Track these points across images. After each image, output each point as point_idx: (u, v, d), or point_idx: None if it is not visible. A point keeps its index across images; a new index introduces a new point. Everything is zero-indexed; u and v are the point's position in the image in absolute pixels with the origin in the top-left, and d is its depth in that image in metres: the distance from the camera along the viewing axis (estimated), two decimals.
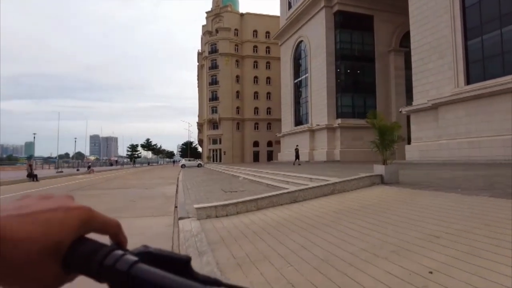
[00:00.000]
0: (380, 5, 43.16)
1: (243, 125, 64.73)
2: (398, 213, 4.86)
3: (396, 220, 4.55)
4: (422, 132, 28.23)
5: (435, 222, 4.26)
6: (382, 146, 7.81)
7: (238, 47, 65.60)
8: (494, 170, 12.33)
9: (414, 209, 4.94)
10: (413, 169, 14.78)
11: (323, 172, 13.13)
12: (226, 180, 17.07)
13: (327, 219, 5.12)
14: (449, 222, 4.19)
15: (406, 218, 4.62)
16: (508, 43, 21.93)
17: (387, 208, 5.16)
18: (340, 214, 5.25)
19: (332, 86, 41.91)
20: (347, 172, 12.95)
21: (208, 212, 6.00)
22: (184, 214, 6.48)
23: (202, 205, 6.15)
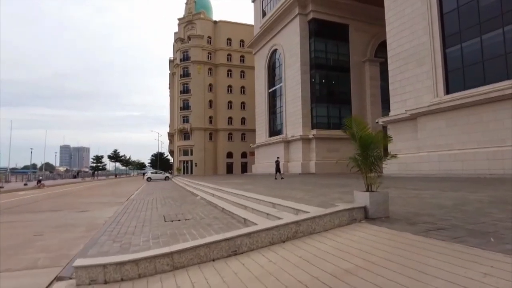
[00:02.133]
0: (355, 14, 42.32)
1: (216, 135, 62.20)
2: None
3: None
4: (400, 143, 26.76)
5: None
6: (365, 165, 5.72)
7: (211, 55, 63.44)
8: (492, 188, 10.52)
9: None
10: (396, 186, 12.81)
11: (292, 193, 10.93)
12: (180, 200, 14.58)
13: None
14: None
15: None
16: (488, 50, 20.81)
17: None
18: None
19: (307, 96, 40.34)
20: (320, 192, 10.85)
21: (93, 273, 3.67)
22: (72, 268, 4.08)
23: (85, 262, 3.79)
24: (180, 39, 64.38)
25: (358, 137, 5.80)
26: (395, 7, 27.61)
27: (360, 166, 5.85)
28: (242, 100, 63.70)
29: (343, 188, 12.13)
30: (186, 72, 62.58)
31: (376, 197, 5.51)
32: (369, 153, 5.78)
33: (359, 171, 5.89)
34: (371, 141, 5.75)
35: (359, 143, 5.79)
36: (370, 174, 5.79)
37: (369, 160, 5.74)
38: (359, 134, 5.80)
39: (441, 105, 22.25)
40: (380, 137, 5.87)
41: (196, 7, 65.29)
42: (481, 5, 21.44)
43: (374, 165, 5.77)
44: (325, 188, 12.67)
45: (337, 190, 11.32)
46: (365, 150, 5.77)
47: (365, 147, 5.75)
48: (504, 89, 18.57)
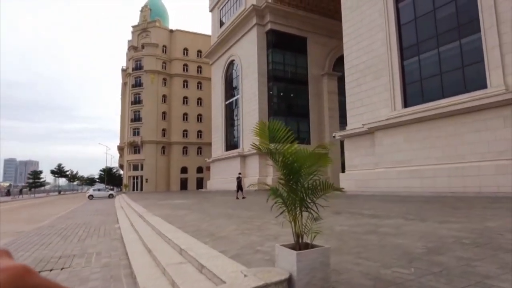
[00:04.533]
0: (314, 27, 41.68)
1: (169, 149, 58.59)
2: None
3: None
4: (357, 159, 25.49)
5: None
6: (292, 203, 3.55)
7: (166, 64, 60.35)
8: (462, 214, 8.85)
9: None
10: (350, 211, 10.93)
11: (224, 224, 8.69)
12: (93, 230, 11.81)
13: None
14: None
15: None
16: (446, 63, 20.07)
17: None
18: None
19: (264, 109, 38.64)
20: (260, 221, 8.68)
21: None
22: None
23: None
24: (133, 47, 60.87)
25: (279, 158, 3.66)
26: (352, 18, 26.75)
27: (285, 203, 3.69)
28: (199, 112, 60.87)
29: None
30: (139, 82, 58.94)
31: (308, 259, 3.31)
32: (298, 182, 3.64)
33: (286, 210, 3.71)
34: (303, 162, 3.62)
35: (281, 166, 3.65)
36: (300, 216, 3.66)
37: (299, 195, 3.60)
38: (280, 151, 3.66)
39: (398, 119, 21.17)
40: (318, 156, 3.73)
41: (151, 15, 62.32)
42: (438, 17, 20.84)
43: (307, 201, 3.63)
44: (272, 214, 10.43)
45: (282, 219, 9.07)
46: (292, 178, 3.63)
47: (292, 173, 3.61)
48: (464, 103, 17.68)
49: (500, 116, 16.33)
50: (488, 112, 16.86)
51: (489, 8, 17.77)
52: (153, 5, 64.07)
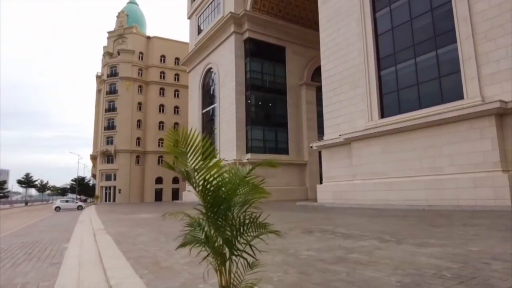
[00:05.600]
0: (292, 37, 41.43)
1: (144, 158, 56.63)
2: None
3: None
4: (334, 170, 24.87)
5: None
6: (216, 249, 2.58)
7: (142, 71, 58.76)
8: (442, 232, 8.10)
9: None
10: (323, 229, 10.04)
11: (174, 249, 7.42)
12: (36, 252, 10.45)
13: None
14: None
15: None
16: (423, 73, 19.79)
17: None
18: None
19: (242, 118, 37.77)
20: None
21: None
22: None
23: None
24: (109, 53, 59.10)
25: (198, 182, 2.66)
26: (330, 27, 26.41)
27: (205, 247, 2.70)
28: (176, 120, 59.28)
29: None
30: (113, 89, 57.07)
31: None
32: (226, 216, 2.67)
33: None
34: (233, 189, 2.67)
35: (201, 194, 2.67)
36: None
37: (228, 236, 2.63)
38: (203, 175, 2.66)
39: (375, 130, 20.69)
40: (252, 183, 2.80)
41: (128, 21, 60.84)
42: (415, 27, 20.63)
43: (238, 243, 2.67)
44: None
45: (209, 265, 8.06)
46: (216, 211, 2.66)
47: (216, 203, 2.65)
48: (440, 114, 17.31)
49: (477, 128, 15.98)
50: (465, 124, 16.51)
51: (465, 19, 17.61)
52: (130, 11, 62.71)
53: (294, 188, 38.59)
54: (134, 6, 65.44)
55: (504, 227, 8.69)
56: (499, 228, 8.43)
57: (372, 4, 23.27)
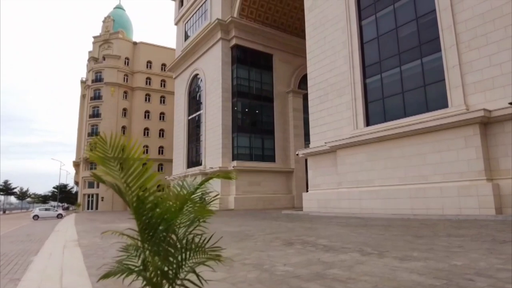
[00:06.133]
0: (280, 44, 41.43)
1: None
2: None
3: None
4: (320, 178, 24.61)
5: None
6: (155, 275, 2.16)
7: (128, 77, 57.95)
8: (424, 243, 7.80)
9: None
10: (297, 240, 9.67)
11: None
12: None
13: None
14: None
15: None
16: (408, 81, 19.78)
17: None
18: None
19: (228, 125, 37.36)
20: None
21: None
22: None
23: None
24: (94, 59, 58.17)
25: (132, 198, 2.25)
26: (316, 35, 26.37)
27: (140, 276, 2.28)
28: (161, 127, 58.50)
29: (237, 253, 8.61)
30: (98, 95, 56.07)
31: None
32: (166, 240, 2.26)
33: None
34: (173, 211, 2.27)
35: (136, 213, 2.27)
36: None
37: (169, 263, 2.22)
38: (136, 192, 2.25)
39: (361, 138, 20.52)
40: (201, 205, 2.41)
41: (114, 26, 60.12)
42: (400, 35, 20.67)
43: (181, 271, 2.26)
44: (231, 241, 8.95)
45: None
46: (153, 234, 2.25)
47: (151, 225, 2.25)
48: (425, 122, 17.23)
49: (462, 136, 15.92)
50: (449, 132, 16.44)
51: (449, 28, 17.68)
52: (116, 16, 62.03)
53: (281, 196, 38.22)
54: (121, 11, 64.79)
55: (488, 237, 8.45)
56: (483, 239, 8.19)
57: (358, 12, 23.31)
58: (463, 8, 17.20)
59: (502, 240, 7.96)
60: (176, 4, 51.78)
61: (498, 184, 14.65)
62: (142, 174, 2.19)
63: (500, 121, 15.16)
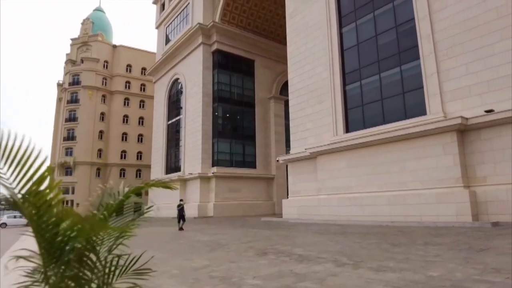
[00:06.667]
0: (261, 50, 41.30)
1: (105, 171, 54.04)
2: None
3: None
4: (300, 184, 24.35)
5: None
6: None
7: (106, 80, 56.56)
8: (401, 253, 7.53)
9: None
10: (278, 253, 9.28)
11: None
12: None
13: None
14: None
15: None
16: (388, 88, 19.82)
17: None
18: None
19: (208, 130, 36.78)
20: None
21: None
22: None
23: None
24: (71, 61, 56.59)
25: (31, 212, 1.79)
26: (297, 41, 26.31)
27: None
28: (140, 132, 57.24)
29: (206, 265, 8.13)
30: (75, 98, 54.47)
31: None
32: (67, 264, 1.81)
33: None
34: (80, 228, 1.82)
35: (36, 235, 1.81)
36: None
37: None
38: (32, 202, 1.78)
39: (340, 144, 20.38)
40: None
41: (93, 28, 58.76)
42: (380, 43, 20.76)
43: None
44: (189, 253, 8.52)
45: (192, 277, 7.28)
46: (59, 256, 1.79)
47: (55, 246, 1.79)
48: (404, 129, 17.22)
49: (440, 143, 15.94)
50: (427, 139, 16.45)
51: (427, 36, 17.82)
52: (96, 19, 60.68)
53: (261, 203, 37.78)
54: (100, 14, 63.48)
55: (465, 246, 8.27)
56: (460, 247, 7.99)
57: (339, 19, 23.37)
58: (441, 18, 17.38)
59: (479, 248, 7.79)
60: (158, 7, 51.13)
61: (475, 191, 14.68)
62: (40, 181, 1.73)
63: (476, 129, 15.25)
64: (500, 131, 14.50)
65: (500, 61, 14.97)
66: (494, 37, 15.33)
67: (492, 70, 15.19)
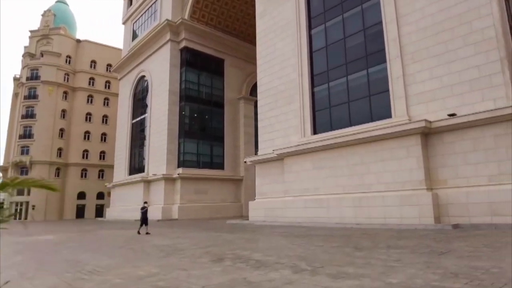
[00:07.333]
0: (231, 50, 40.73)
1: (65, 171, 51.18)
2: None
3: None
4: (267, 186, 23.95)
5: None
6: None
7: (69, 76, 53.75)
8: (361, 258, 7.20)
9: None
10: (235, 259, 8.77)
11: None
12: None
13: None
14: None
15: None
16: (354, 91, 19.84)
17: None
18: None
19: (174, 130, 35.70)
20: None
21: None
22: None
23: None
24: (30, 54, 53.35)
25: None
26: (266, 41, 25.98)
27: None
28: (104, 130, 54.78)
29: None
30: (33, 94, 51.33)
31: None
32: None
33: None
34: None
35: None
36: None
37: None
38: None
39: (307, 146, 20.15)
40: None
41: (55, 21, 55.71)
42: (348, 45, 20.77)
43: None
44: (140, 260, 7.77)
45: None
46: None
47: None
48: (369, 131, 17.21)
49: (404, 146, 16.01)
50: (392, 142, 16.49)
51: (394, 40, 17.95)
52: (58, 11, 57.57)
53: (229, 205, 37.11)
54: (63, 6, 60.32)
55: (427, 249, 8.10)
56: (422, 251, 7.80)
57: (308, 21, 23.25)
58: (408, 22, 17.55)
59: (439, 251, 7.63)
60: (125, 2, 49.35)
61: (437, 193, 14.83)
62: None
63: (439, 132, 15.44)
64: (462, 135, 14.73)
65: (463, 67, 15.26)
66: (457, 43, 15.61)
67: (455, 75, 15.45)
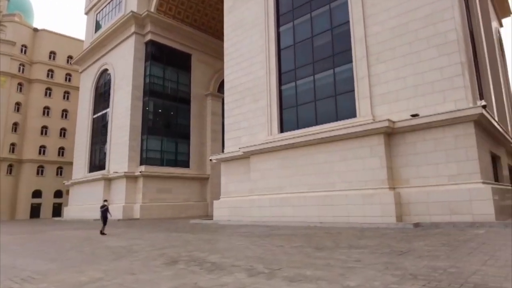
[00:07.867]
0: (199, 45, 39.87)
1: (19, 168, 47.93)
2: None
3: None
4: (233, 185, 23.50)
5: None
6: None
7: (24, 67, 50.45)
8: (322, 259, 6.93)
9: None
10: (189, 261, 8.29)
11: None
12: None
13: None
14: None
15: None
16: (321, 90, 19.83)
17: None
18: None
19: (137, 126, 34.38)
20: None
21: None
22: None
23: None
24: None
25: None
26: (234, 37, 25.51)
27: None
28: (63, 125, 51.83)
29: None
30: None
31: None
32: None
33: None
34: None
35: None
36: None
37: None
38: None
39: (274, 144, 19.91)
40: None
41: (9, 7, 52.11)
42: (316, 44, 20.73)
43: None
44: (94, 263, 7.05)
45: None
46: None
47: None
48: (333, 130, 17.19)
49: (367, 146, 16.10)
50: (356, 141, 16.56)
51: (360, 40, 18.06)
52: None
53: (194, 204, 36.29)
54: None
55: (387, 249, 7.97)
56: (382, 251, 7.65)
57: (276, 18, 23.03)
58: (375, 22, 17.70)
59: (399, 251, 7.52)
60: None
61: (399, 192, 15.00)
62: None
63: (402, 132, 15.64)
64: (424, 135, 14.99)
65: (426, 68, 15.55)
66: (421, 44, 15.89)
67: (419, 76, 15.73)
